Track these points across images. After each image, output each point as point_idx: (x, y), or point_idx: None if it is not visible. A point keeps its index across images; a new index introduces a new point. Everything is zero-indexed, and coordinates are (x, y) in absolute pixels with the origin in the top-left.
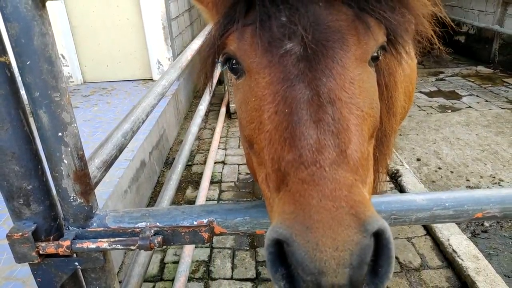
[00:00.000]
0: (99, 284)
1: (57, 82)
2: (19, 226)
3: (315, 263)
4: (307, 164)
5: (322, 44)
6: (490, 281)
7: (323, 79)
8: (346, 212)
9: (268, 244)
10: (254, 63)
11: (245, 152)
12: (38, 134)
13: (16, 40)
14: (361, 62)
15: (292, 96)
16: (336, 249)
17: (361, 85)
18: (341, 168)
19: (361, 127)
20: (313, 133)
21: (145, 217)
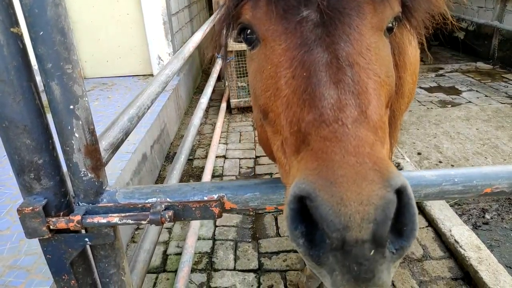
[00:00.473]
0: (109, 261)
1: (69, 54)
2: (30, 201)
3: (340, 218)
4: (328, 122)
5: (339, 11)
6: (492, 270)
7: (341, 43)
8: (370, 168)
9: (290, 200)
10: (269, 31)
11: (258, 125)
12: (49, 107)
13: (30, 10)
14: (377, 31)
15: (310, 60)
16: (361, 203)
17: (377, 52)
18: (363, 127)
19: (378, 92)
20: (334, 93)
21: (156, 193)
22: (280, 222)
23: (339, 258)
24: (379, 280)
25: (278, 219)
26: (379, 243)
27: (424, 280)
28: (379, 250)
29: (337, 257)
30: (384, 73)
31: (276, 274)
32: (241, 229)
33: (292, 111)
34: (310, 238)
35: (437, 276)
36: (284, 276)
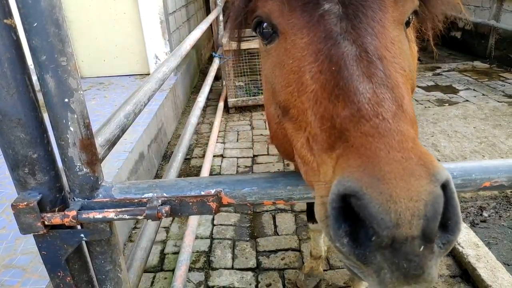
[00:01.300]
0: (105, 258)
1: (63, 46)
2: (24, 196)
3: (390, 215)
4: (368, 117)
5: (361, 4)
6: (490, 267)
7: (367, 37)
8: (416, 163)
9: (332, 199)
10: (290, 24)
11: (274, 122)
12: (44, 100)
13: (23, 1)
14: (398, 24)
15: (338, 54)
16: (411, 200)
17: (400, 46)
18: (402, 121)
19: (406, 85)
20: (369, 87)
21: (152, 188)
22: (279, 220)
23: (387, 256)
24: (428, 275)
25: (276, 218)
26: (428, 239)
27: None
28: (428, 246)
29: (385, 255)
30: (408, 67)
31: (274, 272)
32: (239, 228)
33: (323, 107)
34: (354, 237)
35: None
36: (282, 274)
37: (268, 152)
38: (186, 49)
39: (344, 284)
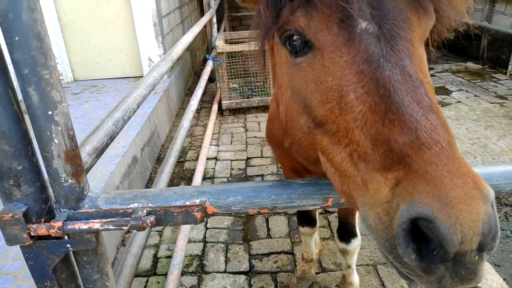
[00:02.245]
0: (92, 267)
1: (46, 59)
2: (10, 208)
3: (457, 235)
4: (428, 145)
5: (393, 23)
6: None
7: (407, 59)
8: (473, 187)
9: (403, 222)
10: (327, 42)
11: (299, 132)
12: (28, 113)
13: (4, 15)
14: (422, 42)
15: (384, 77)
16: (472, 221)
17: (426, 64)
18: (455, 147)
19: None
20: (421, 113)
21: (137, 198)
22: (271, 223)
23: (449, 267)
24: (479, 277)
25: (269, 221)
26: (482, 249)
27: None
28: (481, 255)
29: (448, 266)
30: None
31: (267, 275)
32: (232, 231)
33: (375, 129)
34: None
35: None
36: (275, 277)
37: (261, 154)
38: (177, 53)
39: (336, 286)
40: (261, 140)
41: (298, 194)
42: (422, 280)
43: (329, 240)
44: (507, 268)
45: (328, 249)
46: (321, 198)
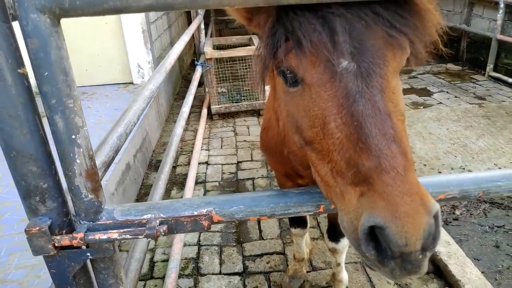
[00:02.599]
0: (108, 273)
1: (71, 90)
2: (36, 222)
3: (402, 240)
4: (387, 170)
5: (370, 61)
6: (460, 263)
7: (379, 95)
8: (419, 204)
9: (364, 228)
10: (314, 78)
11: (294, 146)
12: (53, 137)
13: (35, 54)
14: (396, 74)
15: (358, 111)
16: (415, 229)
17: (398, 93)
18: (409, 171)
19: (404, 129)
20: (385, 144)
21: (150, 210)
22: (263, 225)
23: (398, 262)
24: (422, 270)
25: (261, 223)
26: (424, 250)
27: None
28: (423, 253)
29: (397, 261)
30: (403, 109)
31: (260, 276)
32: (225, 234)
33: (349, 154)
34: (377, 249)
35: None
36: (268, 277)
37: (252, 158)
38: (170, 64)
39: (326, 284)
40: (251, 144)
41: (293, 202)
42: (380, 269)
43: (319, 240)
44: (485, 261)
45: (318, 249)
46: (314, 205)
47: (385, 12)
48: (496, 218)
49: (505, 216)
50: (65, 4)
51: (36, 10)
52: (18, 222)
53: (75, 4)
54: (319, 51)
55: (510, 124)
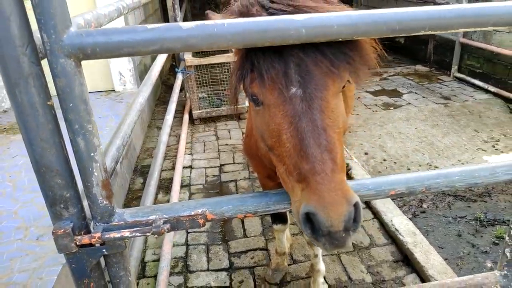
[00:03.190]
0: (119, 266)
1: (90, 117)
2: (60, 225)
3: (328, 223)
4: (318, 172)
5: (314, 88)
6: (424, 251)
7: (318, 114)
8: (341, 197)
9: (302, 213)
10: (272, 101)
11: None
12: (75, 156)
13: (63, 89)
14: (336, 95)
15: (301, 127)
16: (337, 215)
17: (337, 110)
18: (335, 172)
19: (339, 140)
20: (318, 152)
21: (154, 212)
22: (247, 224)
23: (328, 238)
24: (347, 246)
25: (245, 222)
26: (347, 230)
27: (371, 264)
28: (347, 233)
29: (326, 238)
30: (342, 123)
31: (246, 270)
32: (211, 234)
33: (294, 160)
34: (312, 229)
35: (382, 260)
36: (253, 271)
37: (234, 161)
38: (155, 76)
39: (306, 275)
40: (232, 147)
41: (273, 201)
42: (316, 243)
43: (298, 236)
44: (448, 249)
45: (297, 243)
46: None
47: (329, 51)
48: (459, 209)
49: (467, 208)
50: (88, 51)
51: (64, 55)
52: (15, 229)
53: (96, 51)
54: (275, 82)
55: (472, 122)
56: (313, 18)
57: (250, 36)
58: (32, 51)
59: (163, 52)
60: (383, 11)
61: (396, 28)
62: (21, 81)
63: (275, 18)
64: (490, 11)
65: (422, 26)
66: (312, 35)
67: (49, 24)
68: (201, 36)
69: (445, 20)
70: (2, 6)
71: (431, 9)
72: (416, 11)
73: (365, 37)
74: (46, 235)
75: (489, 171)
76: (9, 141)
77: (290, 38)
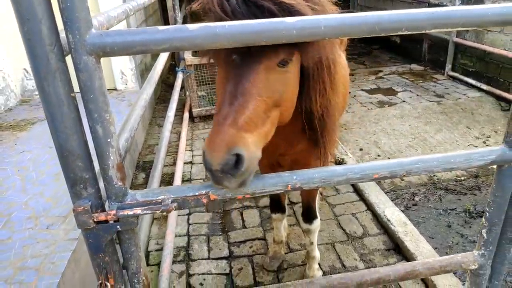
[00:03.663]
0: (130, 242)
1: (107, 107)
2: (80, 203)
3: (208, 163)
4: (218, 123)
5: (248, 59)
6: (414, 239)
7: (243, 80)
8: (224, 146)
9: (202, 151)
10: (220, 64)
11: None
12: (93, 141)
13: (84, 83)
14: (269, 69)
15: (226, 88)
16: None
17: (267, 83)
18: (232, 127)
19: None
20: (227, 109)
21: (163, 193)
22: (246, 215)
23: (214, 175)
24: (230, 186)
25: (244, 213)
26: (224, 172)
27: (364, 252)
28: (224, 174)
29: (212, 174)
30: (270, 95)
31: (244, 259)
32: (212, 225)
33: (216, 109)
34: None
35: (374, 249)
36: (251, 259)
37: None
38: (158, 74)
39: (301, 262)
40: None
41: (268, 184)
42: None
43: (294, 226)
44: (438, 239)
45: (294, 233)
46: (283, 185)
47: None
48: (449, 202)
49: (457, 200)
50: (107, 49)
51: (86, 53)
52: (26, 219)
53: (114, 49)
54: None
55: (464, 119)
56: (303, 20)
57: (248, 36)
58: (59, 50)
59: (172, 50)
60: (365, 14)
61: (376, 28)
62: (49, 76)
63: (269, 20)
64: (458, 13)
65: (399, 27)
66: (301, 35)
67: (74, 26)
68: (205, 36)
69: (418, 22)
70: (35, 11)
71: (406, 12)
72: (393, 14)
73: (349, 36)
74: (56, 224)
75: (463, 157)
76: (15, 138)
77: (283, 37)
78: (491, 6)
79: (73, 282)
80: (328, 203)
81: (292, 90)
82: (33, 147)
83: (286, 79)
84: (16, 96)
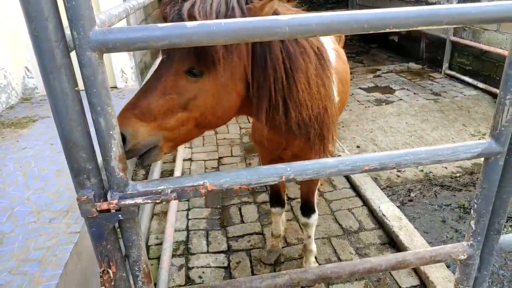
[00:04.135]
0: (132, 231)
1: (109, 100)
2: (83, 193)
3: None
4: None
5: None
6: (409, 234)
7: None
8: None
9: None
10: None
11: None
12: (96, 133)
13: (88, 77)
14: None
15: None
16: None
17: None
18: (129, 112)
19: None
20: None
21: (163, 183)
22: (244, 211)
23: None
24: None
25: (242, 209)
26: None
27: (359, 247)
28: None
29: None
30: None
31: (242, 253)
32: (211, 220)
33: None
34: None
35: (370, 243)
36: (249, 253)
37: (231, 153)
38: None
39: (298, 256)
40: (230, 141)
41: (263, 175)
42: None
43: (292, 221)
44: (433, 234)
45: (291, 228)
46: (278, 176)
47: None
48: (444, 198)
49: (452, 196)
50: (109, 45)
51: (90, 49)
52: (28, 213)
53: (116, 45)
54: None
55: (460, 117)
56: (295, 18)
57: (242, 33)
58: (64, 46)
59: (171, 47)
60: (354, 12)
61: (365, 26)
62: (55, 71)
63: (263, 18)
64: (442, 12)
65: (387, 24)
66: (293, 32)
67: (79, 23)
68: (203, 33)
69: (405, 20)
70: (42, 9)
71: (394, 10)
72: (381, 12)
73: (339, 33)
74: (58, 218)
75: (451, 150)
76: (17, 135)
77: (276, 34)
78: (475, 5)
79: (75, 273)
80: (325, 198)
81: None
82: (35, 143)
83: (196, 90)
84: (17, 94)
